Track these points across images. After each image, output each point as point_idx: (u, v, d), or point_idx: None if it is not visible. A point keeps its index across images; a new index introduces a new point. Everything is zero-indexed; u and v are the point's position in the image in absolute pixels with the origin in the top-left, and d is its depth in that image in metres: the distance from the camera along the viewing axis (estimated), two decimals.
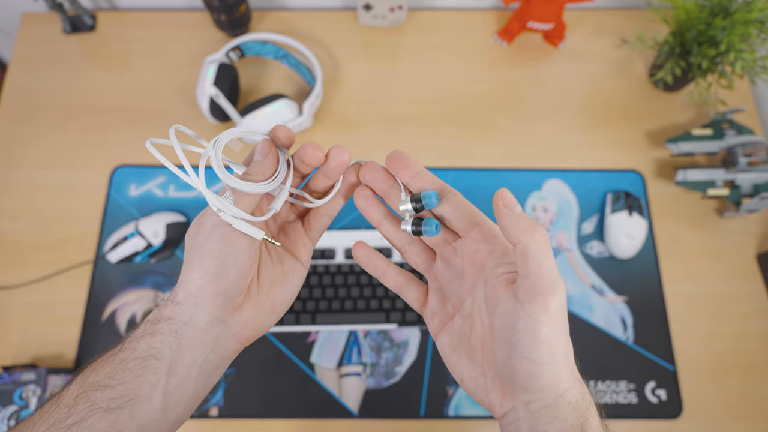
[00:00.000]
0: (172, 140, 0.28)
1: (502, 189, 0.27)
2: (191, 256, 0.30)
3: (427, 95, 0.84)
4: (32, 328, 0.70)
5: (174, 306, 0.29)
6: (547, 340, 0.25)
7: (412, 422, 0.67)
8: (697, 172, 0.74)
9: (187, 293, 0.29)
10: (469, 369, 0.30)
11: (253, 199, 0.30)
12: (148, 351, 0.28)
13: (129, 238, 0.71)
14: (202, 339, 0.29)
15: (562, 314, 0.26)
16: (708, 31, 0.71)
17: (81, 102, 0.82)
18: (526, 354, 0.25)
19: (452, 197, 0.30)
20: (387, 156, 0.31)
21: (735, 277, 0.74)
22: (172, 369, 0.28)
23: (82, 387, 0.27)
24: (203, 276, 0.29)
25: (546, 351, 0.25)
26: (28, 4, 0.86)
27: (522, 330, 0.25)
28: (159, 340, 0.28)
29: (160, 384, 0.28)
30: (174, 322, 0.29)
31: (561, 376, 0.26)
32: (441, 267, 0.32)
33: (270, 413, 0.67)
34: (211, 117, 0.75)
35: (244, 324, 0.31)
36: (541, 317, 0.25)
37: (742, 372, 0.69)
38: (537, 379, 0.26)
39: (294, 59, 0.81)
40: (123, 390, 0.27)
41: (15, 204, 0.76)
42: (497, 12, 0.90)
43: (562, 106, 0.83)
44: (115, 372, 0.27)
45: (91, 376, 0.28)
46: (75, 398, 0.27)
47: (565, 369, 0.26)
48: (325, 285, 0.70)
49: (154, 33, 0.87)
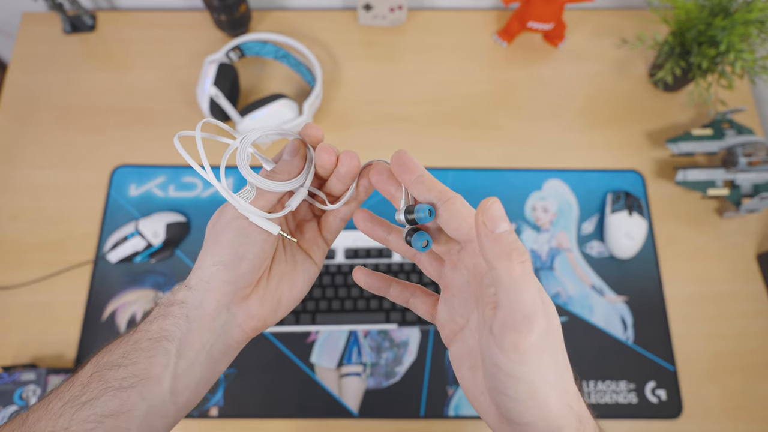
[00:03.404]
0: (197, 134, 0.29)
1: (487, 200, 0.23)
2: (208, 244, 0.31)
3: (427, 95, 0.84)
4: (32, 328, 0.70)
5: (186, 290, 0.30)
6: (524, 379, 0.23)
7: (412, 422, 0.67)
8: (697, 172, 0.74)
9: (199, 279, 0.30)
10: (471, 384, 0.28)
11: (274, 196, 0.31)
12: (159, 332, 0.29)
13: (129, 238, 0.71)
14: (210, 324, 0.30)
15: (546, 349, 0.23)
16: (708, 31, 0.71)
17: (81, 102, 0.82)
18: (503, 390, 0.24)
19: (450, 205, 0.27)
20: (391, 157, 0.30)
21: (735, 277, 0.74)
22: (182, 352, 0.29)
23: (97, 366, 0.28)
24: (216, 264, 0.30)
25: (524, 389, 0.23)
26: (28, 4, 0.86)
27: (496, 365, 0.24)
28: (171, 323, 0.29)
29: (170, 366, 0.28)
30: (185, 306, 0.29)
31: (550, 413, 0.24)
32: (449, 275, 0.31)
33: (270, 413, 0.67)
34: (211, 117, 0.75)
35: (249, 315, 0.31)
36: (513, 356, 0.23)
37: (742, 372, 0.69)
38: (519, 415, 0.24)
39: (294, 59, 0.81)
40: (135, 369, 0.28)
41: (15, 204, 0.76)
42: (497, 12, 0.90)
43: (562, 106, 0.83)
44: (128, 352, 0.28)
45: (105, 357, 0.29)
46: (89, 377, 0.28)
47: (556, 405, 0.24)
48: (325, 285, 0.70)
49: (154, 33, 0.87)
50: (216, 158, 0.76)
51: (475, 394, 0.28)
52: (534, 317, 0.23)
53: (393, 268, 0.71)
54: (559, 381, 0.24)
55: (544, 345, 0.23)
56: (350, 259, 0.72)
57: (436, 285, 0.69)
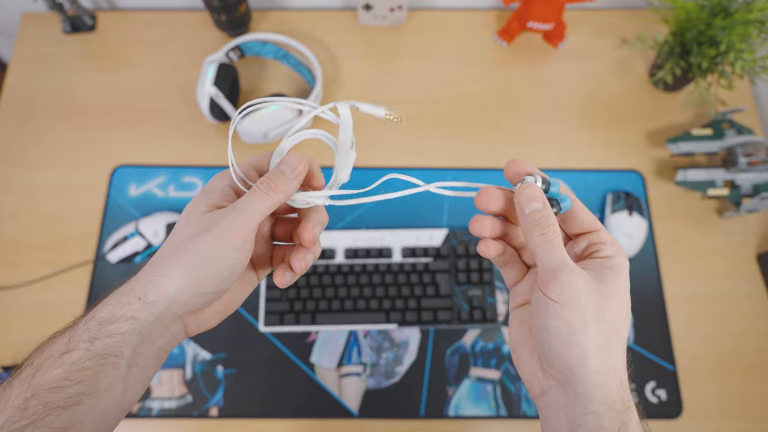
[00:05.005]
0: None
1: (523, 186, 0.30)
2: (177, 257, 0.30)
3: (427, 95, 0.84)
4: (32, 328, 0.70)
5: (142, 305, 0.29)
6: (561, 315, 0.28)
7: (412, 422, 0.67)
8: (697, 172, 0.74)
9: (163, 295, 0.29)
10: (523, 345, 0.32)
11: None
12: (105, 350, 0.28)
13: (129, 238, 0.71)
14: (162, 333, 0.30)
15: (591, 306, 0.28)
16: (708, 31, 0.71)
17: (81, 102, 0.82)
18: (545, 325, 0.28)
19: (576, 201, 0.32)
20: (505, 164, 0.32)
21: (735, 277, 0.74)
22: (133, 361, 0.29)
23: (31, 387, 0.26)
24: (187, 287, 0.29)
25: (560, 324, 0.28)
26: (28, 4, 0.86)
27: (539, 302, 0.29)
28: (118, 340, 0.28)
29: (120, 375, 0.28)
30: (137, 321, 0.29)
31: (588, 359, 0.27)
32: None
33: (270, 413, 0.67)
34: (210, 117, 0.75)
35: (198, 323, 0.33)
36: (551, 295, 0.28)
37: (742, 372, 0.69)
38: (558, 351, 0.28)
39: (294, 59, 0.81)
40: (80, 388, 0.27)
41: (15, 204, 0.76)
42: (497, 12, 0.90)
43: (562, 106, 0.83)
44: (69, 373, 0.27)
45: (38, 376, 0.27)
46: (25, 400, 0.26)
47: (597, 358, 0.27)
48: (325, 285, 0.70)
49: (154, 33, 0.87)
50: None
51: (525, 353, 0.31)
52: (558, 271, 0.28)
53: (393, 268, 0.71)
54: (606, 342, 0.28)
55: (586, 299, 0.28)
56: (350, 259, 0.72)
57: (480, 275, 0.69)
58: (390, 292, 0.70)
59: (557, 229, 0.29)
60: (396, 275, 0.71)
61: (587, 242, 0.31)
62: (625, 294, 0.29)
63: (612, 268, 0.29)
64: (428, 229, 0.74)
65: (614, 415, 0.27)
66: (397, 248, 0.72)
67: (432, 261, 0.71)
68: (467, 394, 0.68)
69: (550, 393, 0.29)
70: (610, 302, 0.28)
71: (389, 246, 0.72)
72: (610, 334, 0.28)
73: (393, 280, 0.71)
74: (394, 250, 0.72)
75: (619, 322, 0.29)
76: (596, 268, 0.29)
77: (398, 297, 0.70)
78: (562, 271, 0.28)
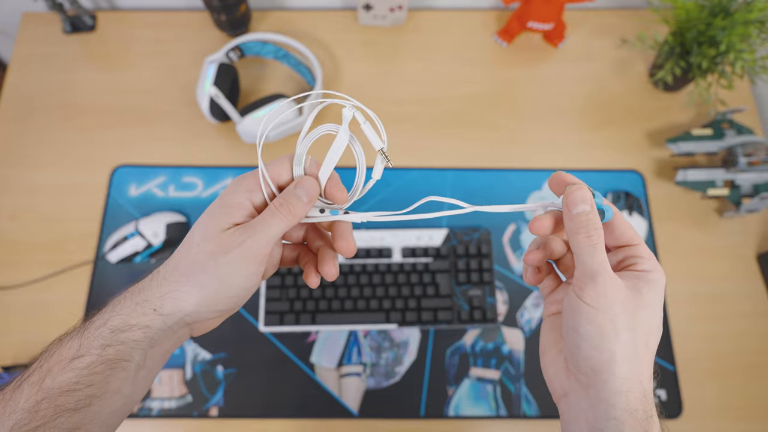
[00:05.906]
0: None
1: (572, 188, 0.30)
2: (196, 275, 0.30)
3: (427, 95, 0.84)
4: (32, 328, 0.70)
5: (156, 316, 0.30)
6: (593, 319, 0.28)
7: (412, 422, 0.67)
8: (697, 172, 0.74)
9: (178, 309, 0.30)
10: (552, 347, 0.33)
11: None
12: (117, 355, 0.29)
13: (129, 238, 0.71)
14: (171, 338, 0.31)
15: (623, 315, 0.28)
16: (708, 31, 0.71)
17: (81, 102, 0.82)
18: (576, 327, 0.29)
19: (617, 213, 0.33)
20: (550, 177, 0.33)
21: (735, 277, 0.74)
22: (142, 365, 0.30)
23: (41, 391, 0.27)
24: (204, 305, 0.30)
25: (591, 329, 0.28)
26: (28, 4, 0.86)
27: (572, 306, 0.29)
28: (130, 346, 0.29)
29: (129, 378, 0.29)
30: (150, 330, 0.30)
31: (616, 365, 0.28)
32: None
33: (270, 413, 0.67)
34: (210, 117, 0.75)
35: (203, 327, 0.33)
36: (585, 299, 0.29)
37: (742, 372, 0.69)
38: (586, 355, 0.28)
39: (294, 59, 0.81)
40: (91, 391, 0.28)
41: (15, 204, 0.76)
42: (497, 12, 0.90)
43: (562, 106, 0.83)
44: (80, 377, 0.28)
45: (48, 380, 0.28)
46: (36, 403, 0.27)
47: (625, 365, 0.28)
48: (325, 285, 0.70)
49: (154, 33, 0.87)
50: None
51: (553, 356, 0.32)
52: (596, 275, 0.28)
53: (393, 268, 0.71)
54: (635, 351, 0.28)
55: (620, 307, 0.28)
56: (350, 259, 0.72)
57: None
58: (390, 292, 0.70)
59: (602, 234, 0.29)
60: (396, 275, 0.71)
61: (624, 255, 0.32)
62: (658, 307, 0.30)
63: (649, 281, 0.30)
64: (428, 229, 0.74)
65: (635, 422, 0.27)
66: (397, 248, 0.72)
67: (432, 261, 0.71)
68: (467, 394, 0.68)
69: (573, 396, 0.30)
70: (642, 312, 0.29)
71: (389, 246, 0.72)
72: (640, 343, 0.29)
73: (393, 280, 0.71)
74: (394, 250, 0.72)
75: (650, 333, 0.29)
76: (633, 280, 0.30)
77: (398, 297, 0.70)
78: (600, 275, 0.28)
